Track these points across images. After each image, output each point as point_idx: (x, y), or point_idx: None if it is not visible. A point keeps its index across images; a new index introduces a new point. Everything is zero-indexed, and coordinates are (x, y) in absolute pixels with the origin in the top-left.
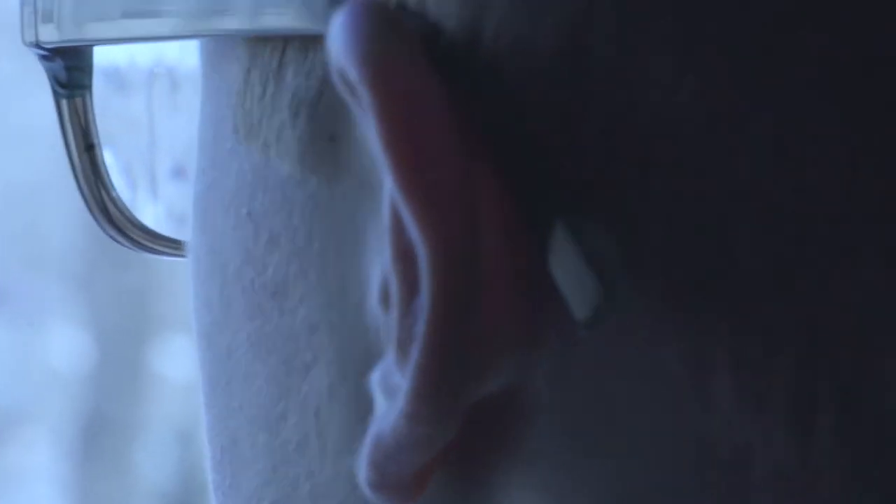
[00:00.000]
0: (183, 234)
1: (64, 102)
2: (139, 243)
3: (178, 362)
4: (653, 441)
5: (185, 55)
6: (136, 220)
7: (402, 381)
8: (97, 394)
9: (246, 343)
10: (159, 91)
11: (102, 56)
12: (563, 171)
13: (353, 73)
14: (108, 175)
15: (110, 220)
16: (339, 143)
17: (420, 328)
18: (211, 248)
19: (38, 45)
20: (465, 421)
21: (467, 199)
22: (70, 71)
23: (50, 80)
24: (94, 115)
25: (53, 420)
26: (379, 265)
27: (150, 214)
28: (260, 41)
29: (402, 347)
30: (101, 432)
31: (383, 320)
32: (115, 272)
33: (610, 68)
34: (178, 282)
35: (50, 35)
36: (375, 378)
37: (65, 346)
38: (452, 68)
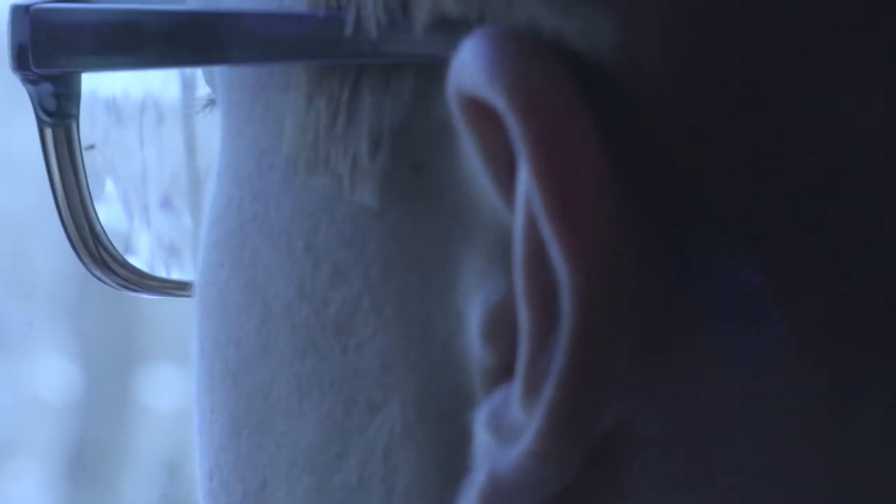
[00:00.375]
0: (174, 264)
1: (49, 131)
2: (123, 282)
3: (165, 392)
4: (780, 480)
5: (168, 87)
6: (122, 257)
7: (529, 418)
8: (84, 424)
9: (291, 382)
10: (148, 123)
11: (100, 86)
12: (713, 205)
13: (500, 102)
14: (94, 210)
15: (93, 257)
16: (425, 173)
17: (557, 363)
18: (248, 284)
19: (28, 69)
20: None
21: (617, 233)
22: (59, 98)
23: (35, 107)
24: (80, 145)
25: (40, 450)
26: (479, 300)
27: (143, 243)
28: (326, 68)
29: (531, 383)
30: (88, 462)
31: (486, 356)
32: (102, 302)
33: (779, 97)
34: (166, 312)
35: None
36: (481, 417)
37: (52, 375)
38: (600, 96)
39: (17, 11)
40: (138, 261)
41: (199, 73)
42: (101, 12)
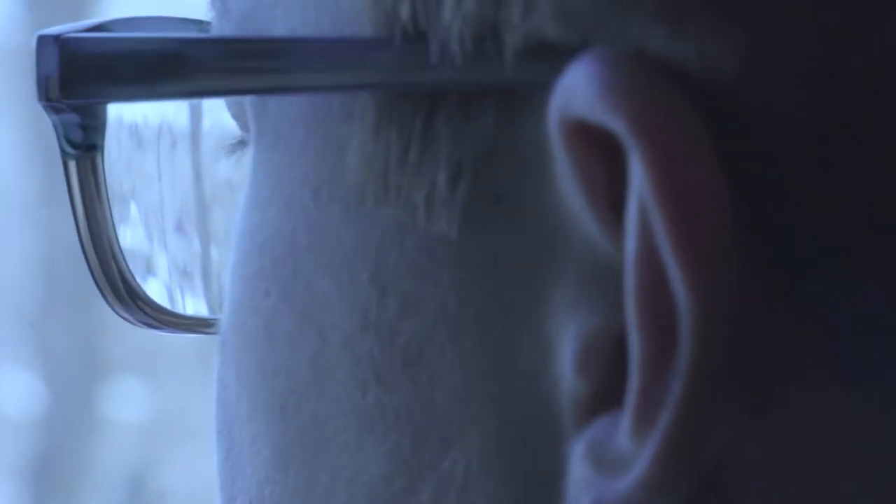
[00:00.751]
0: (188, 288)
1: (73, 164)
2: (146, 318)
3: (129, 405)
4: None
5: (179, 113)
6: (145, 295)
7: (639, 448)
8: (47, 437)
9: (350, 415)
10: (164, 148)
11: (124, 111)
12: (831, 224)
13: (621, 127)
14: (119, 246)
15: (116, 293)
16: (507, 201)
17: (674, 392)
18: (302, 314)
19: (57, 100)
20: None
21: (738, 259)
22: (85, 130)
23: (60, 139)
24: (105, 178)
25: (3, 464)
26: (572, 330)
27: (162, 266)
28: (396, 95)
29: (643, 413)
30: (51, 476)
31: (579, 387)
32: (66, 315)
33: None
34: (128, 325)
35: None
36: (578, 449)
37: (14, 389)
38: (717, 118)
39: (44, 41)
40: (157, 283)
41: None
42: (141, 41)
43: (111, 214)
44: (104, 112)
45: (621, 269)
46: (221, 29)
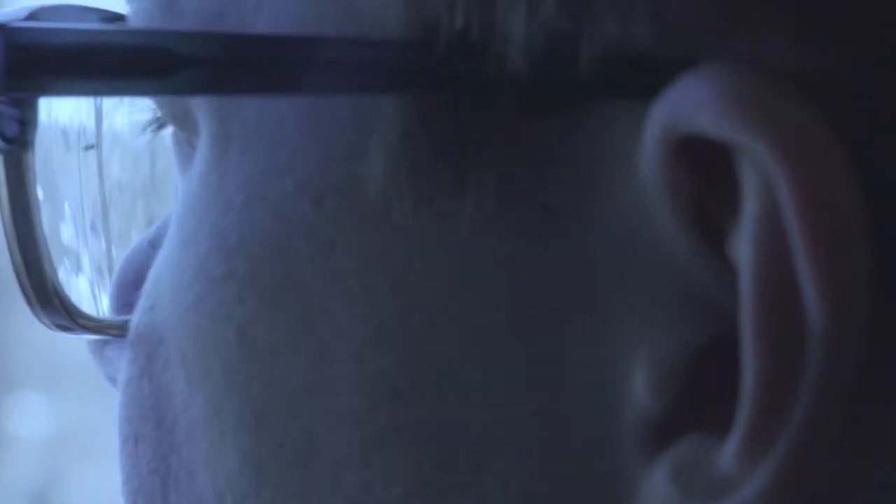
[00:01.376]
0: (103, 287)
1: (2, 158)
2: (62, 321)
3: (32, 421)
4: None
5: (88, 113)
6: (66, 297)
7: (748, 473)
8: None
9: (353, 431)
10: (80, 148)
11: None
12: None
13: (760, 146)
14: (45, 246)
15: (38, 293)
16: (562, 215)
17: (795, 418)
18: (293, 325)
19: (2, 91)
20: None
21: (873, 280)
22: (23, 124)
23: None
24: (35, 175)
25: None
26: (645, 348)
27: (86, 264)
28: (433, 104)
29: (756, 437)
30: None
31: (653, 408)
32: None
33: None
34: (32, 338)
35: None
36: (659, 472)
37: None
38: (849, 131)
39: None
40: (84, 281)
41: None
42: (109, 33)
43: (39, 212)
44: (38, 108)
45: (708, 289)
46: (168, 27)
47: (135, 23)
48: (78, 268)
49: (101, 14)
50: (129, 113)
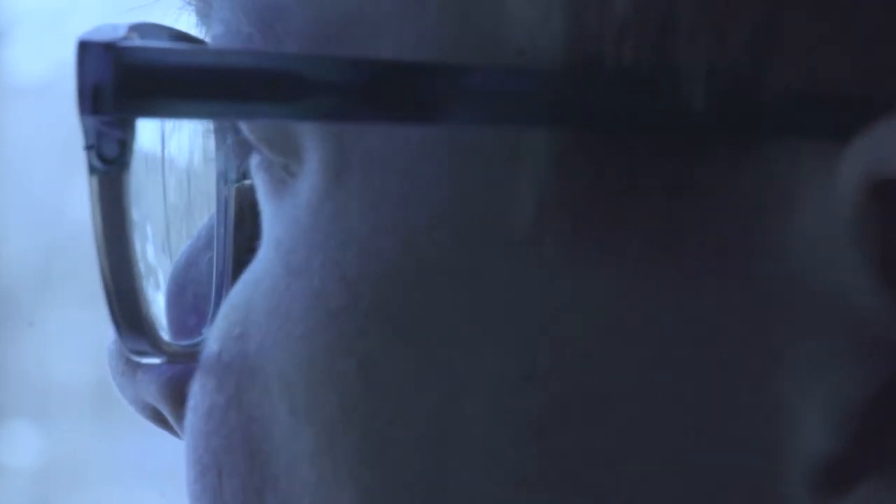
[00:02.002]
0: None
1: (100, 179)
2: (144, 347)
3: (20, 450)
4: None
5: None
6: (151, 322)
7: None
8: None
9: (494, 468)
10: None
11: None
12: None
13: None
14: (139, 271)
15: (134, 324)
16: (732, 252)
17: None
18: (425, 360)
19: (109, 111)
20: None
21: None
22: (123, 145)
23: (90, 154)
24: (130, 198)
25: None
26: (823, 391)
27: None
28: (595, 140)
29: None
30: None
31: (832, 452)
32: None
33: None
34: (21, 366)
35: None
36: None
37: None
38: None
39: (93, 48)
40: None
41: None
42: (226, 55)
43: (132, 234)
44: (136, 128)
45: (889, 329)
46: (269, 49)
47: (230, 44)
48: (157, 288)
49: (172, 33)
50: (191, 134)
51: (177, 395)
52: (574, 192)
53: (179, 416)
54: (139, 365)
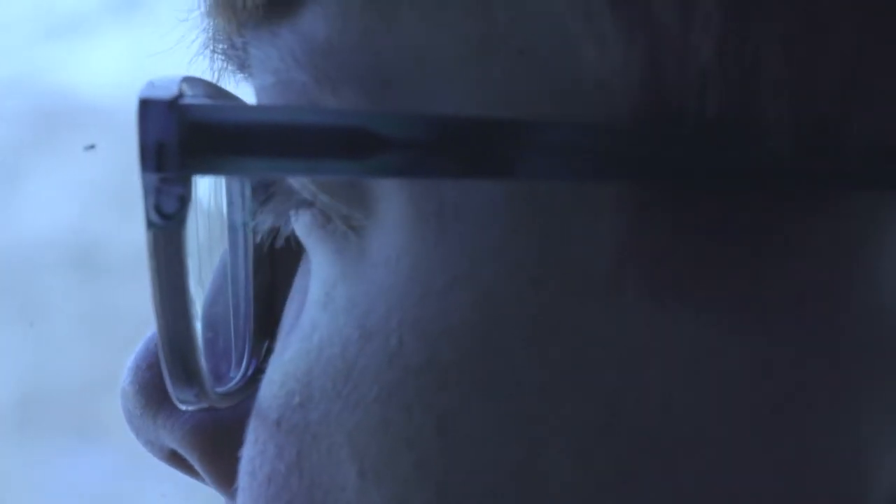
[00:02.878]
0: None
1: (159, 235)
2: (205, 398)
3: None
4: None
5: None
6: (204, 377)
7: None
8: None
9: None
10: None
11: None
12: None
13: None
14: (195, 325)
15: (188, 376)
16: (811, 301)
17: None
18: (508, 413)
19: (173, 168)
20: None
21: None
22: (182, 200)
23: (149, 209)
24: (186, 252)
25: None
26: None
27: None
28: (676, 191)
29: None
30: None
31: None
32: None
33: None
34: None
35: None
36: None
37: None
38: None
39: (155, 106)
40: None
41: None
42: (292, 112)
43: (189, 288)
44: (194, 184)
45: None
46: (323, 99)
47: (283, 94)
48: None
49: (210, 85)
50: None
51: (206, 441)
52: (654, 242)
53: (206, 462)
54: (159, 409)
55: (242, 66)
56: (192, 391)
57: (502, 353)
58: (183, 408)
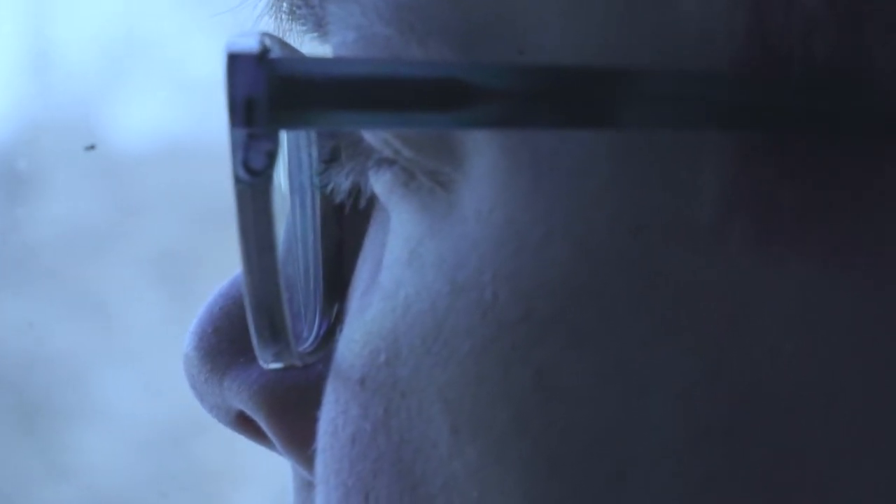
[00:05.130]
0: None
1: (248, 191)
2: (292, 355)
3: None
4: None
5: None
6: (291, 334)
7: None
8: None
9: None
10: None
11: None
12: None
13: None
14: (282, 282)
15: (275, 329)
16: None
17: None
18: (620, 367)
19: (266, 123)
20: None
21: None
22: (270, 156)
23: (237, 165)
24: (274, 208)
25: None
26: None
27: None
28: (782, 139)
29: None
30: None
31: None
32: None
33: None
34: None
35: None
36: None
37: None
38: None
39: (243, 60)
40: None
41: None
42: (381, 64)
43: (277, 245)
44: (281, 140)
45: None
46: (409, 53)
47: (367, 49)
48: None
49: (287, 47)
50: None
51: (275, 401)
52: (759, 190)
53: (275, 422)
54: (225, 372)
55: (319, 23)
56: (276, 348)
57: (601, 306)
58: (265, 366)
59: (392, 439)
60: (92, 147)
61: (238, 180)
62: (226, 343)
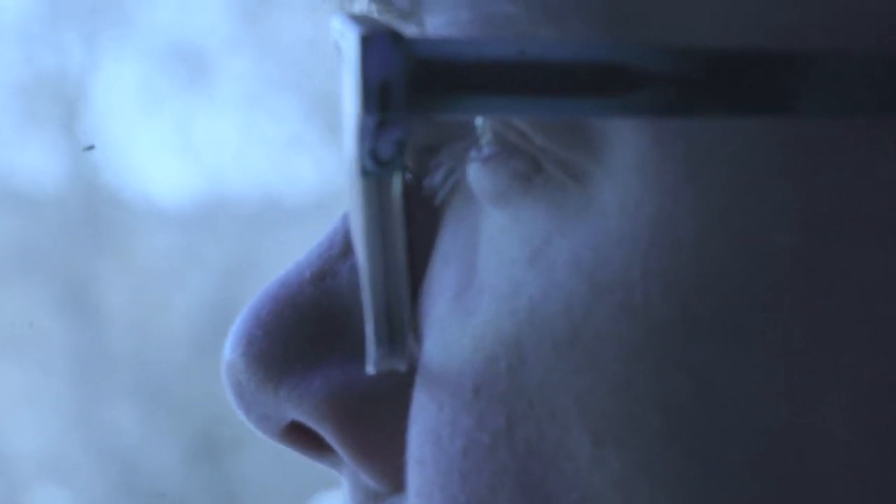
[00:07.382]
0: None
1: (369, 183)
2: (398, 363)
3: None
4: None
5: None
6: (407, 335)
7: None
8: None
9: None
10: None
11: None
12: None
13: None
14: (406, 282)
15: (396, 327)
16: None
17: None
18: (790, 369)
19: (403, 108)
20: None
21: None
22: (399, 145)
23: (364, 154)
24: (402, 201)
25: None
26: None
27: None
28: None
29: None
30: None
31: None
32: None
33: None
34: None
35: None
36: None
37: None
38: None
39: (379, 41)
40: None
41: None
42: (533, 46)
43: (403, 240)
44: (413, 128)
45: None
46: (539, 33)
47: (487, 28)
48: None
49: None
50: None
51: (344, 410)
52: None
53: (345, 433)
54: (281, 379)
55: (415, 1)
56: (391, 350)
57: (767, 304)
58: (371, 369)
59: (517, 451)
60: (91, 147)
61: (365, 172)
62: (279, 348)
